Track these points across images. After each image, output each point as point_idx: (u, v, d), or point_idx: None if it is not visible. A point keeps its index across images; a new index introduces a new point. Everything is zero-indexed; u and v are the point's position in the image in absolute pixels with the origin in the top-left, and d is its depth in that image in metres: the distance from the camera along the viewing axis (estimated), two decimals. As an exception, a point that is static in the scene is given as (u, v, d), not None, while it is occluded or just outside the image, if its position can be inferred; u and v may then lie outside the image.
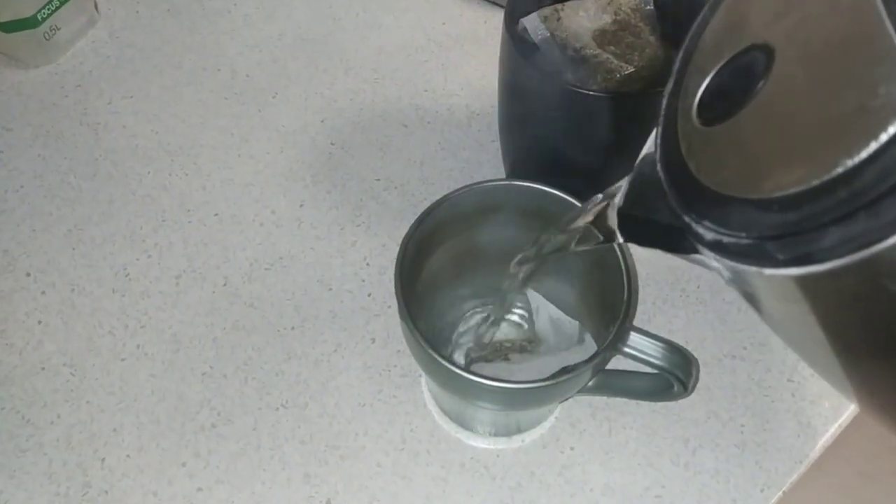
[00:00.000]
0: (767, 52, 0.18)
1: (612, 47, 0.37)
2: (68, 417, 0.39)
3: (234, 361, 0.41)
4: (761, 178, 0.17)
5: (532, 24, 0.37)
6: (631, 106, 0.35)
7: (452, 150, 0.50)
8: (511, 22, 0.37)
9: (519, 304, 0.40)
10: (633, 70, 0.37)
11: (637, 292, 0.41)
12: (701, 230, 0.19)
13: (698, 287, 0.44)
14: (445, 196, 0.33)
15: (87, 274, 0.44)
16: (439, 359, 0.28)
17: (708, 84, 0.21)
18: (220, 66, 0.54)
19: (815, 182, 0.15)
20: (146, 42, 0.55)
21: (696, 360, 0.32)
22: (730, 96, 0.19)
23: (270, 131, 0.51)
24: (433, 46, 0.55)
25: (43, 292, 0.43)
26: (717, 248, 0.18)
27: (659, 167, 0.22)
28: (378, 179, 0.48)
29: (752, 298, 0.21)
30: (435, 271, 0.36)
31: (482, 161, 0.49)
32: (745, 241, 0.17)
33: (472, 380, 0.28)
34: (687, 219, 0.20)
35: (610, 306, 0.33)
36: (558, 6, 0.38)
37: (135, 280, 0.44)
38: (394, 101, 0.52)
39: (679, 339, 0.41)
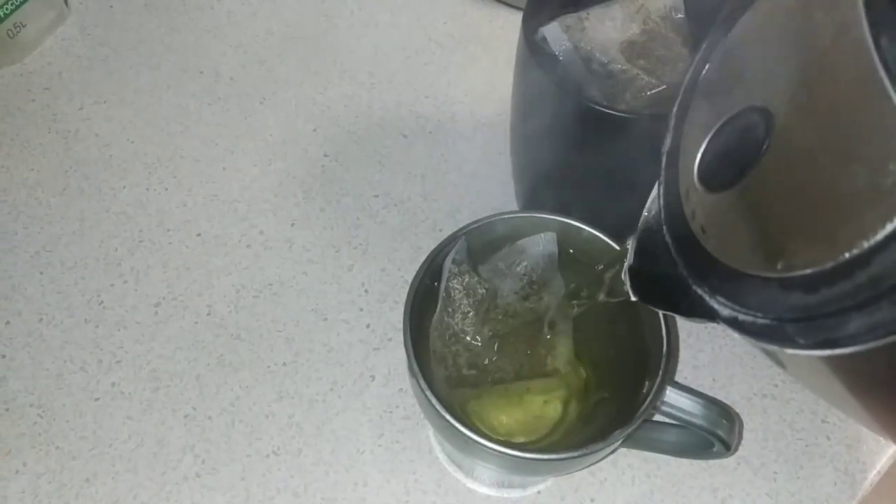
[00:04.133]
0: (766, 115, 0.17)
1: (641, 61, 0.34)
2: (35, 465, 0.35)
3: (219, 402, 0.37)
4: (772, 256, 0.16)
5: (553, 34, 0.33)
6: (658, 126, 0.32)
7: (456, 162, 0.46)
8: (529, 31, 0.33)
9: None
10: (664, 87, 0.33)
11: (677, 342, 0.38)
12: (716, 305, 0.18)
13: (724, 317, 0.41)
14: (456, 232, 0.30)
15: (56, 302, 0.40)
16: (461, 427, 0.25)
17: (706, 146, 0.19)
18: (203, 68, 0.49)
19: (830, 264, 0.14)
20: (121, 40, 0.50)
21: (739, 417, 0.29)
22: (730, 161, 0.18)
23: (258, 141, 0.46)
24: (434, 48, 0.51)
25: (7, 322, 0.39)
26: (734, 325, 0.17)
27: (665, 231, 0.21)
28: (376, 195, 0.45)
29: (775, 358, 0.19)
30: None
31: (489, 175, 0.46)
32: (762, 321, 0.16)
33: (496, 450, 0.25)
34: (700, 291, 0.19)
35: (638, 354, 0.29)
36: (583, 14, 0.34)
37: (109, 309, 0.40)
38: (392, 109, 0.48)
39: (706, 377, 0.38)
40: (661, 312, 0.28)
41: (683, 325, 0.40)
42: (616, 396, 0.29)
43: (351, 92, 0.49)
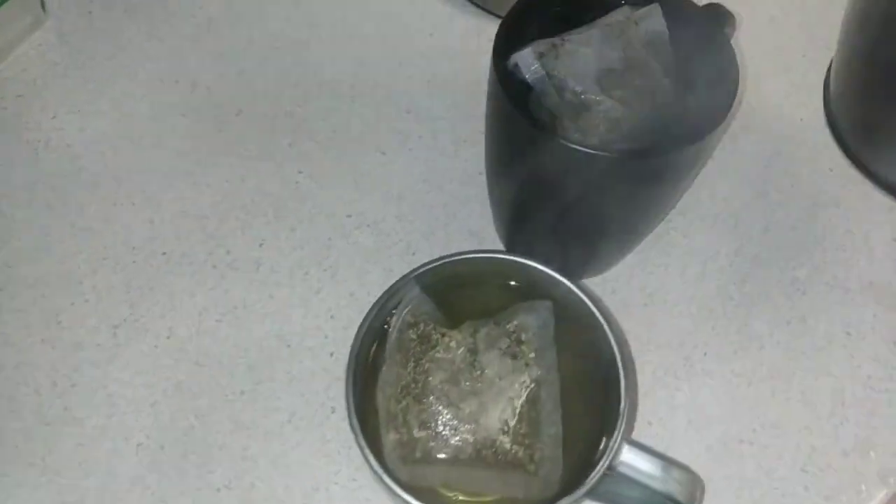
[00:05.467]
0: None
1: (618, 91, 0.32)
2: (-18, 492, 0.34)
3: (173, 431, 0.36)
4: None
5: (525, 60, 0.32)
6: (636, 167, 0.30)
7: (436, 181, 0.45)
8: (500, 56, 0.32)
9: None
10: (641, 120, 0.32)
11: (636, 400, 0.36)
12: None
13: (705, 355, 0.39)
14: (407, 275, 0.28)
15: (13, 320, 0.39)
16: (400, 491, 0.23)
17: None
18: (179, 78, 0.48)
19: None
20: (99, 48, 0.49)
21: (699, 480, 0.27)
22: None
23: (231, 155, 0.45)
24: (420, 60, 0.50)
25: (-37, 340, 0.38)
26: None
27: None
28: (349, 216, 0.43)
29: None
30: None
31: (469, 196, 0.44)
32: None
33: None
34: None
35: (596, 409, 0.28)
36: (557, 40, 0.32)
37: (68, 329, 0.39)
38: (372, 123, 0.47)
39: (681, 418, 0.37)
40: (621, 369, 0.26)
41: (661, 360, 0.39)
42: (573, 451, 0.28)
43: (330, 105, 0.47)
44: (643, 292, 0.41)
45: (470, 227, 0.43)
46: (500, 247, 0.42)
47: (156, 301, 0.40)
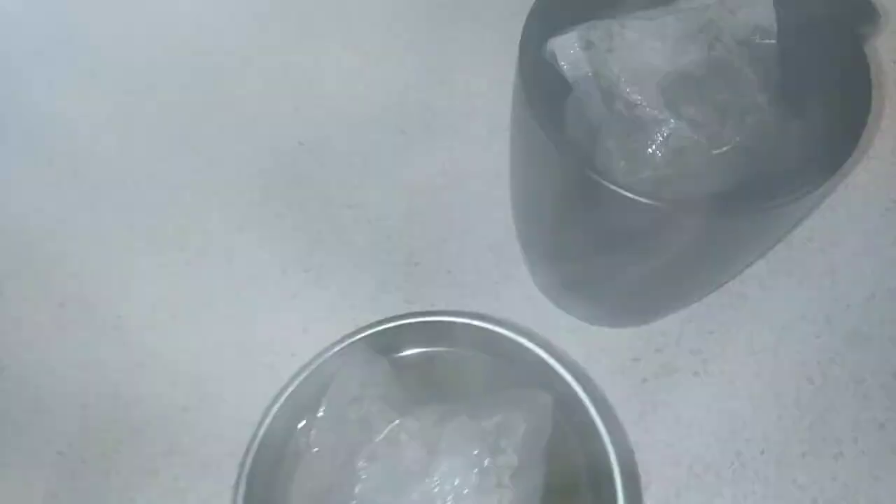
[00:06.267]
0: None
1: (691, 108, 0.22)
2: None
3: (99, 443, 0.31)
4: None
5: (566, 50, 0.23)
6: (699, 223, 0.21)
7: (459, 175, 0.37)
8: (530, 43, 0.23)
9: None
10: (720, 151, 0.22)
11: None
12: None
13: (762, 453, 0.30)
14: (352, 335, 0.21)
15: (-47, 281, 0.34)
16: None
17: None
18: (185, 13, 0.41)
19: None
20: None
21: None
22: None
23: (227, 112, 0.38)
24: (463, 21, 0.41)
25: None
26: None
27: None
28: (349, 206, 0.36)
29: None
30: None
31: (495, 200, 0.35)
32: None
33: None
34: None
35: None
36: (615, 26, 0.23)
37: (9, 300, 0.34)
38: (395, 93, 0.39)
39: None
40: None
41: (703, 453, 0.30)
42: None
43: (351, 65, 0.40)
44: (695, 357, 0.32)
45: (490, 240, 0.35)
46: (524, 272, 0.34)
47: (108, 281, 0.34)
